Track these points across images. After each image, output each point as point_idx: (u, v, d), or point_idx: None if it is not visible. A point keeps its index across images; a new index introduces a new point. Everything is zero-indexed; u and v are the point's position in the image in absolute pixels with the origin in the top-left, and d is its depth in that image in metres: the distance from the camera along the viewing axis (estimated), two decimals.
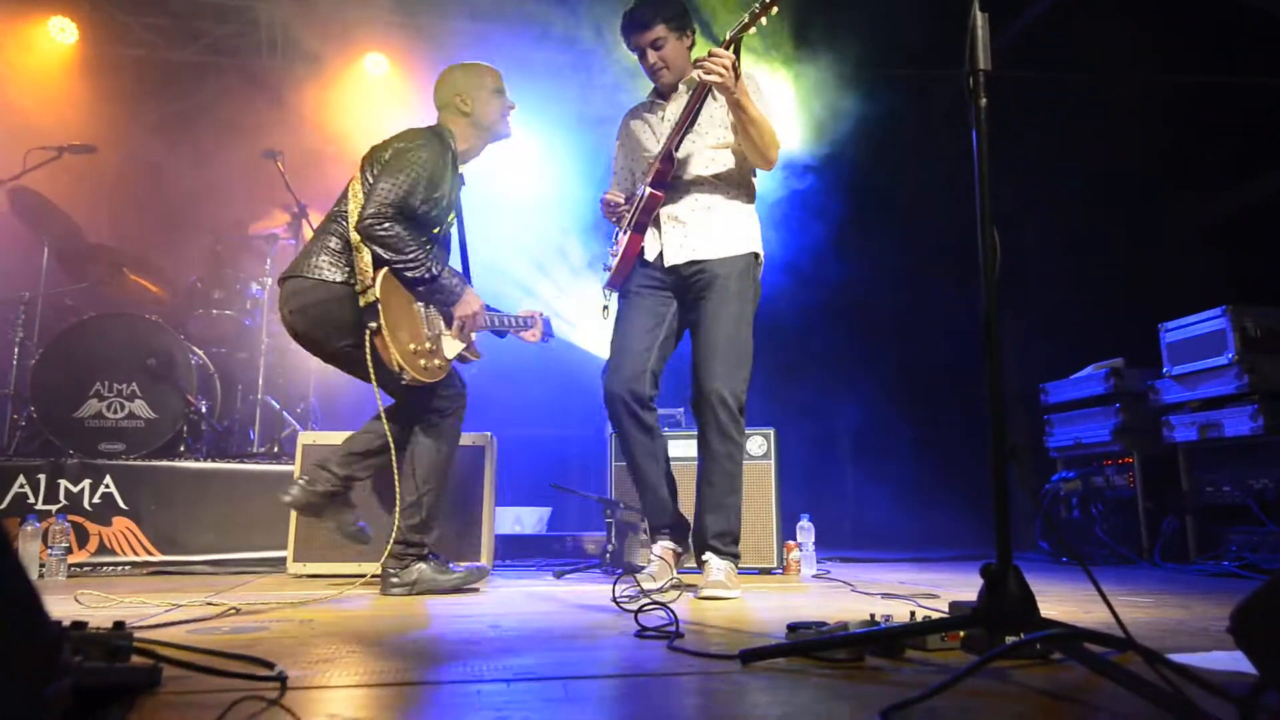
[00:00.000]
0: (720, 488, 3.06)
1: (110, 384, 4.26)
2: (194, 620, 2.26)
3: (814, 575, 3.88)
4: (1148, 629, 2.13)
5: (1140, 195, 5.94)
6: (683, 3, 3.22)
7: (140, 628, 1.99)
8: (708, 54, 2.87)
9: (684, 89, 3.23)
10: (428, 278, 2.96)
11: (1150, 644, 1.40)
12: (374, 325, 2.85)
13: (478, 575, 3.14)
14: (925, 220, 6.30)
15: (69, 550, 3.69)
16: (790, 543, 3.99)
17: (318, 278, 2.98)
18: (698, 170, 3.19)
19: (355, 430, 3.18)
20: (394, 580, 3.00)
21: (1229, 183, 6.06)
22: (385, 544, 3.03)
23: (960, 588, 3.19)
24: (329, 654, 1.78)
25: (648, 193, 3.13)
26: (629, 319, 3.22)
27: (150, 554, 3.91)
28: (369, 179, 3.01)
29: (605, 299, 3.39)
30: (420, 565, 3.02)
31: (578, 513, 6.06)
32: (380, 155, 3.03)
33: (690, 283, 3.16)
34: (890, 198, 6.49)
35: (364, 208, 2.88)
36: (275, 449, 4.60)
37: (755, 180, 3.31)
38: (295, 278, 3.02)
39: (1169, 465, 4.63)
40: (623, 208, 3.27)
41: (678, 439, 3.95)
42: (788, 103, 5.90)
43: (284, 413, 4.99)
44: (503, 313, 3.38)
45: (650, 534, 3.29)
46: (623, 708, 1.39)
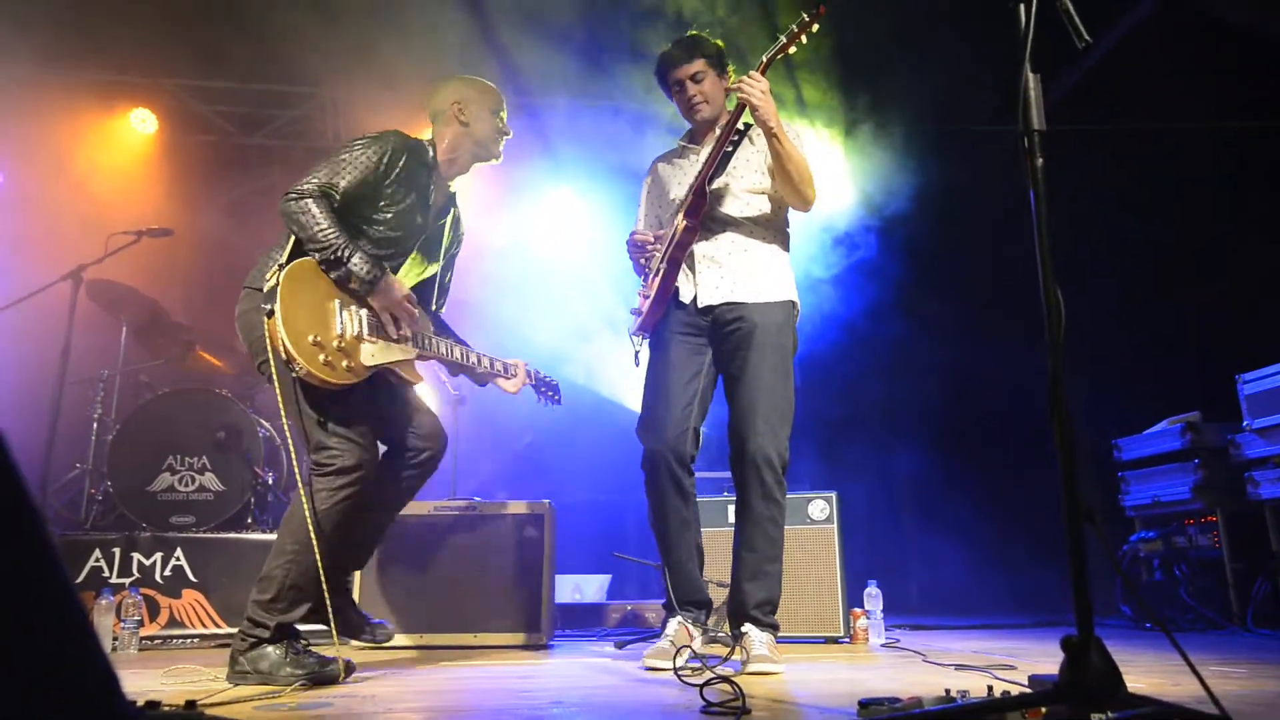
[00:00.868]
0: (763, 553, 2.89)
1: (182, 457, 4.38)
2: (259, 699, 2.27)
3: (883, 644, 3.76)
4: (1242, 703, 2.00)
5: (1209, 243, 5.79)
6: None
7: (209, 705, 2.01)
8: (745, 76, 2.84)
9: (717, 132, 3.08)
10: (333, 259, 2.63)
11: (1247, 719, 1.31)
12: (268, 307, 2.54)
13: (343, 670, 2.59)
14: (984, 275, 6.23)
15: (141, 623, 3.77)
16: (857, 610, 3.89)
17: (247, 286, 2.77)
18: (732, 210, 3.08)
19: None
20: (238, 666, 2.58)
21: None
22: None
23: (1037, 657, 3.05)
24: None
25: (681, 225, 2.96)
26: (666, 368, 3.03)
27: (218, 626, 3.97)
28: None
29: (636, 345, 3.17)
30: (269, 649, 2.57)
31: (637, 580, 5.98)
32: None
33: (727, 331, 3.00)
34: (953, 257, 6.45)
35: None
36: None
37: (790, 231, 3.21)
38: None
39: (1256, 523, 4.40)
40: (652, 247, 3.10)
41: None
42: (840, 166, 5.96)
43: None
44: (479, 351, 3.08)
45: (675, 605, 2.98)
46: None
